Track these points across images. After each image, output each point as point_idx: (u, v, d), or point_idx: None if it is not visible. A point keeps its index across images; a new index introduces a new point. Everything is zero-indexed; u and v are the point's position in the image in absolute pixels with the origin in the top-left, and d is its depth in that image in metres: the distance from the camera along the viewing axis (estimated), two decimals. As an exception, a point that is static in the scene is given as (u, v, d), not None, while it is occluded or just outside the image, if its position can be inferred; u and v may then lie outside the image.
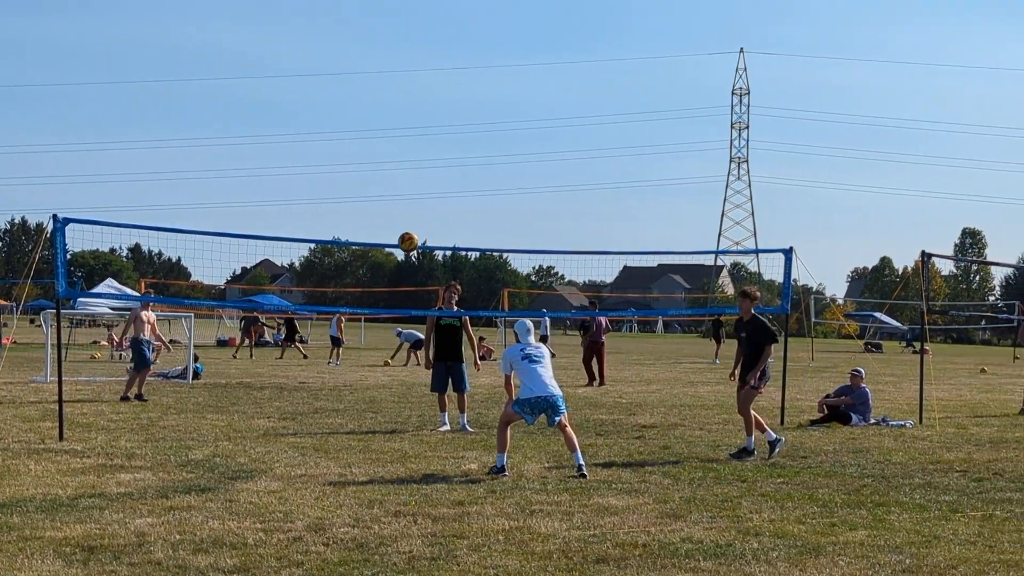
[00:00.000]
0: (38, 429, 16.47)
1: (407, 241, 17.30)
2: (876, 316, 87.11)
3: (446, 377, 17.74)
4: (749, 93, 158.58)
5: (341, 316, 41.87)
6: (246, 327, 45.77)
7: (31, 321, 72.69)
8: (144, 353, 21.90)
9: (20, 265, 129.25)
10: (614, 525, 9.87)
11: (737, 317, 15.85)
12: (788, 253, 19.60)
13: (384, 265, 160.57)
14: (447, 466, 13.35)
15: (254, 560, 8.37)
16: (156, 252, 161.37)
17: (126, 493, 11.14)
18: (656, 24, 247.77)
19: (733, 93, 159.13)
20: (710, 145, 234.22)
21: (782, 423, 18.91)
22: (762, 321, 15.38)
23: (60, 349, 17.59)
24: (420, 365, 35.37)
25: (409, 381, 28.58)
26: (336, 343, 40.25)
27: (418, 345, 38.08)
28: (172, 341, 44.57)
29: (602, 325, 29.43)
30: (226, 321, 68.09)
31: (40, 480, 11.86)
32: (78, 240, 17.18)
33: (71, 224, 15.61)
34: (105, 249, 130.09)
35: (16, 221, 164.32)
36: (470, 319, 18.71)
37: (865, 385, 19.68)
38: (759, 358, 14.82)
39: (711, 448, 15.53)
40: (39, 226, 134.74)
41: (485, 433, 16.87)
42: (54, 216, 15.38)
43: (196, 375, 27.86)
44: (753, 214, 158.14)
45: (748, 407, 14.78)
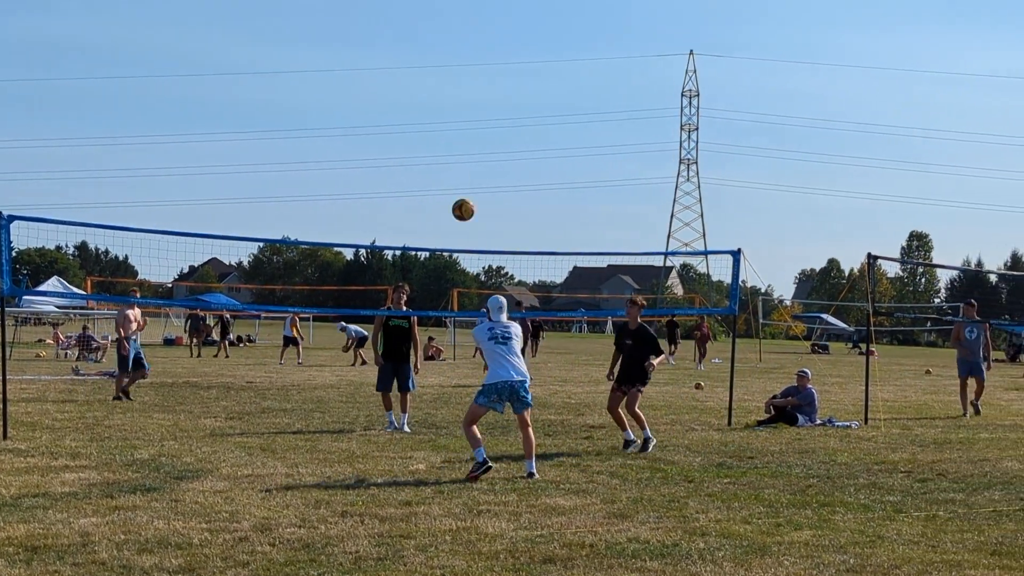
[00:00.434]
0: (-19, 428, 16.29)
1: (462, 209, 16.63)
2: (823, 317, 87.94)
3: (392, 377, 17.72)
4: (699, 95, 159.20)
5: (295, 316, 41.71)
6: (193, 326, 45.62)
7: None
8: (132, 354, 21.84)
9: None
10: (561, 525, 9.89)
11: (623, 322, 16.30)
12: (736, 255, 19.71)
13: (333, 264, 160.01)
14: (395, 466, 13.33)
15: (199, 560, 8.33)
16: (103, 250, 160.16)
17: (71, 493, 11.06)
18: (606, 26, 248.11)
19: (683, 95, 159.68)
20: (660, 147, 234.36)
21: (729, 423, 19.02)
22: (649, 331, 16.03)
23: (4, 347, 17.40)
24: (366, 364, 35.37)
25: (357, 381, 28.52)
26: (289, 343, 39.98)
27: (362, 343, 38.06)
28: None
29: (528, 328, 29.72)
30: (173, 320, 67.72)
31: (-17, 480, 11.74)
32: (23, 237, 17.00)
33: (16, 221, 15.46)
34: (51, 247, 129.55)
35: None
36: (420, 319, 18.66)
37: (812, 386, 19.82)
38: (642, 367, 15.64)
39: (659, 448, 15.58)
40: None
41: (433, 433, 16.86)
42: (-1, 212, 15.23)
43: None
44: (702, 216, 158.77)
45: (635, 407, 15.62)
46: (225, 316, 46.65)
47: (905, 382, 34.83)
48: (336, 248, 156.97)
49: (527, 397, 12.87)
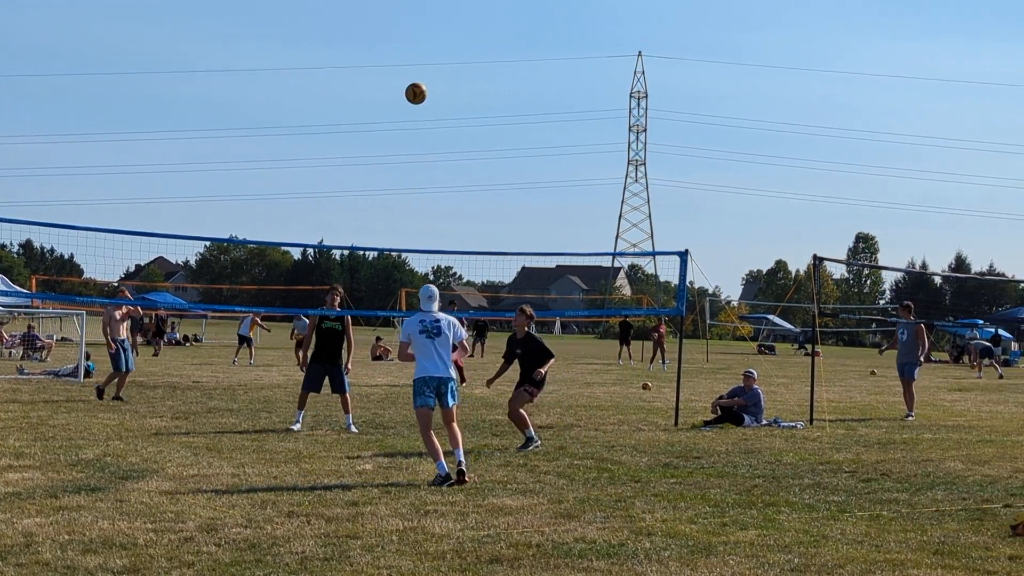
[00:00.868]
0: (-77, 428, 16.12)
1: (416, 94, 16.38)
2: (770, 318, 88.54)
3: (321, 379, 17.69)
4: (647, 96, 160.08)
5: (255, 316, 41.50)
6: (135, 325, 45.28)
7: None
8: (120, 355, 21.64)
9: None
10: (508, 525, 9.90)
11: (512, 332, 16.32)
12: (684, 256, 19.80)
13: (280, 264, 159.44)
14: (341, 466, 13.30)
15: (144, 560, 8.28)
16: (48, 248, 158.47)
17: (14, 493, 10.95)
18: (555, 27, 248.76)
19: (631, 96, 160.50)
20: (608, 147, 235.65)
21: (676, 424, 19.11)
22: (537, 340, 16.19)
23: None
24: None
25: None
26: (244, 342, 39.77)
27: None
28: (63, 339, 43.98)
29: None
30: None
31: (-76, 480, 11.62)
32: (-34, 235, 16.85)
33: (-41, 219, 15.33)
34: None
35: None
36: (365, 319, 18.63)
37: (758, 386, 19.94)
38: (539, 375, 15.80)
39: (606, 449, 15.63)
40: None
41: (380, 433, 16.84)
42: (-59, 210, 15.07)
43: (88, 373, 27.43)
44: (650, 216, 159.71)
45: (518, 407, 15.76)
46: (160, 315, 46.31)
47: (850, 383, 35.13)
48: (284, 248, 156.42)
49: (451, 395, 12.58)
